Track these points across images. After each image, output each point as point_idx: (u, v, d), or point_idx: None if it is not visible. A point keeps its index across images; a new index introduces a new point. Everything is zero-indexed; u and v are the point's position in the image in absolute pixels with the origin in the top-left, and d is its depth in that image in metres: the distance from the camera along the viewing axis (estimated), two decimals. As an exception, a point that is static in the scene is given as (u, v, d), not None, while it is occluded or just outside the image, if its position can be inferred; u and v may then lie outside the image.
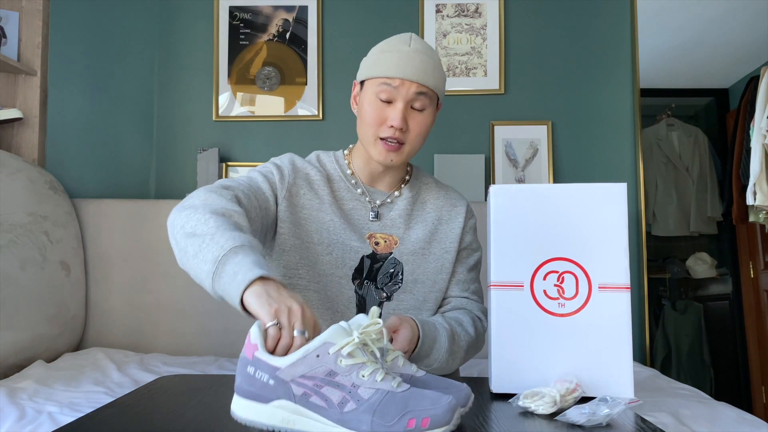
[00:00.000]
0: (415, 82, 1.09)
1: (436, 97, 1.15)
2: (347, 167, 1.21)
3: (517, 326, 0.89)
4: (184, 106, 2.23)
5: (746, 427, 1.08)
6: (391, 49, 1.12)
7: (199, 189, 1.03)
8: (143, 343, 1.92)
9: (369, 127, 1.12)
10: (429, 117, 1.14)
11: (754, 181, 2.21)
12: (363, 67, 1.16)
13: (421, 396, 0.69)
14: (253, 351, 0.73)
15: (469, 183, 2.11)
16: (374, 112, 1.11)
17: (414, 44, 1.12)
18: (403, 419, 0.67)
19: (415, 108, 1.11)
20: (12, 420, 1.13)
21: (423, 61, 1.10)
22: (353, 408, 0.68)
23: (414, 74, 1.09)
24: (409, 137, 1.12)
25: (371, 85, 1.12)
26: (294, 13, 2.23)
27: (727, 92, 2.80)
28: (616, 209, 0.89)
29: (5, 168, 1.70)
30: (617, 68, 2.18)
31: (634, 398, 0.79)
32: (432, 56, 1.13)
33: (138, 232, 1.98)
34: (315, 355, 0.71)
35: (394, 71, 1.09)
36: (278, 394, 0.71)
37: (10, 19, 2.00)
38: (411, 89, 1.09)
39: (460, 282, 1.21)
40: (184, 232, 0.91)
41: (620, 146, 2.16)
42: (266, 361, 0.72)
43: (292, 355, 0.71)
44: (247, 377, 0.73)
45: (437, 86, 1.13)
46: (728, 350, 2.77)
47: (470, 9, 2.20)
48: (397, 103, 1.09)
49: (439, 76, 1.14)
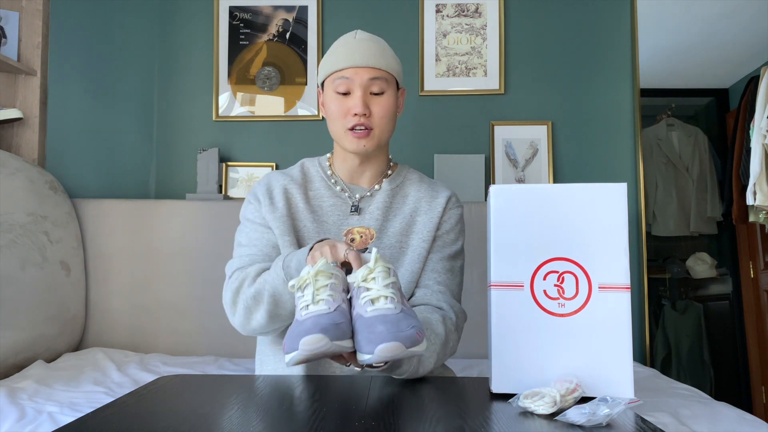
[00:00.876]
0: (366, 68, 1.14)
1: (394, 80, 1.19)
2: (328, 168, 1.25)
3: (517, 326, 0.89)
4: (184, 106, 2.23)
5: (746, 427, 1.08)
6: (338, 45, 1.19)
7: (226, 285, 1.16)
8: (143, 343, 1.92)
9: (335, 121, 1.17)
10: (390, 99, 1.17)
11: (754, 181, 2.21)
12: (320, 70, 1.22)
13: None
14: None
15: (469, 183, 2.11)
16: (336, 106, 1.16)
17: (359, 35, 1.19)
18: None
19: (374, 93, 1.16)
20: (12, 420, 1.13)
21: (369, 47, 1.16)
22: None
23: (362, 60, 1.14)
24: (375, 121, 1.16)
25: (329, 83, 1.18)
26: (294, 13, 2.23)
27: (727, 92, 2.81)
28: (616, 209, 0.89)
29: (5, 168, 1.70)
30: (617, 68, 2.18)
31: (634, 398, 0.79)
32: (379, 42, 1.19)
33: (138, 232, 1.98)
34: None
35: (344, 62, 1.15)
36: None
37: (10, 19, 2.00)
38: (364, 76, 1.14)
39: (431, 271, 1.18)
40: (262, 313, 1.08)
41: (620, 146, 2.16)
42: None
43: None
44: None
45: (390, 67, 1.17)
46: (728, 350, 2.77)
47: (470, 9, 2.20)
48: (355, 91, 1.15)
49: (390, 57, 1.19)
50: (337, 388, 0.93)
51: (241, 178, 2.18)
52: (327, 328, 0.80)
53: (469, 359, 1.80)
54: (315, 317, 0.82)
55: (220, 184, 2.14)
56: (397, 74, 1.19)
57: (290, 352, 0.80)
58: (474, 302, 1.79)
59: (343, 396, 0.89)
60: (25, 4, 2.02)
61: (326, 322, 0.81)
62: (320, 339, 0.78)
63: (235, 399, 0.86)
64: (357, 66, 1.14)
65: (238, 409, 0.80)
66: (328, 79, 1.18)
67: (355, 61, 1.14)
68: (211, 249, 1.95)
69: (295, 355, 0.79)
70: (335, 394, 0.90)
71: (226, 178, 2.17)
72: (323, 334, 0.79)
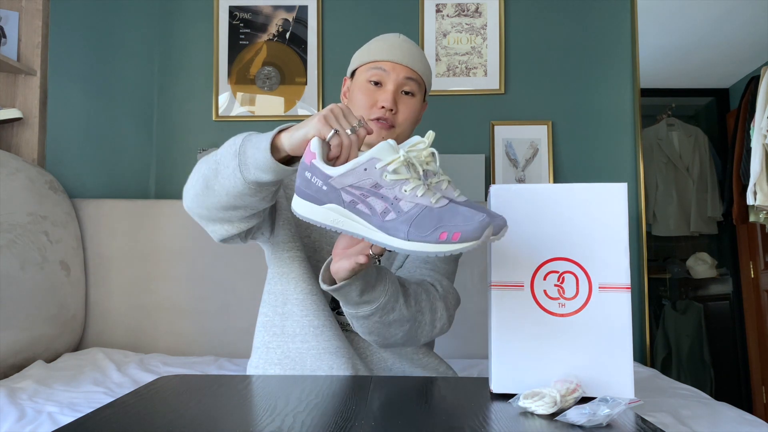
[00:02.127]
0: (405, 66, 1.15)
1: (423, 88, 1.20)
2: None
3: (517, 326, 0.89)
4: (184, 106, 2.23)
5: (746, 427, 1.08)
6: (381, 38, 1.19)
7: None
8: (143, 343, 1.92)
9: (360, 109, 1.15)
10: (417, 103, 1.18)
11: (754, 181, 2.21)
12: (354, 59, 1.22)
13: (456, 212, 0.74)
14: (311, 158, 0.81)
15: (469, 183, 2.11)
16: (366, 95, 1.15)
17: (403, 37, 1.20)
18: (436, 232, 0.72)
19: (405, 92, 1.15)
20: (12, 420, 1.13)
21: (411, 49, 1.17)
22: (393, 218, 0.75)
23: (403, 59, 1.15)
24: (399, 119, 1.15)
25: (362, 71, 1.17)
26: (294, 13, 2.22)
27: (727, 92, 2.81)
28: (617, 209, 0.89)
29: (5, 168, 1.70)
30: (617, 68, 2.18)
31: (634, 398, 0.79)
32: (420, 50, 1.20)
33: (138, 232, 1.98)
34: (363, 168, 0.77)
35: (386, 55, 1.15)
36: (330, 199, 0.79)
37: (10, 19, 2.00)
38: (401, 73, 1.14)
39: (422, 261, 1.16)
40: (198, 177, 0.97)
41: (620, 146, 2.16)
42: (321, 169, 0.79)
43: (343, 167, 0.78)
44: (306, 181, 0.81)
45: (425, 74, 1.18)
46: (728, 350, 2.77)
47: (470, 9, 2.20)
48: (388, 85, 1.14)
49: (427, 67, 1.20)
50: (337, 388, 0.93)
51: (241, 178, 2.18)
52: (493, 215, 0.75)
53: (469, 359, 1.80)
54: (465, 204, 0.77)
55: (220, 184, 2.14)
56: (428, 83, 1.20)
57: (471, 240, 0.71)
58: (474, 302, 1.79)
59: (343, 396, 0.89)
60: (25, 4, 2.02)
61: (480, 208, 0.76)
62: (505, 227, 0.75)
63: (235, 399, 0.86)
64: (396, 62, 1.14)
65: (238, 409, 0.80)
66: (363, 67, 1.17)
67: (396, 57, 1.14)
68: (211, 249, 1.95)
69: (474, 244, 0.72)
70: (335, 394, 0.90)
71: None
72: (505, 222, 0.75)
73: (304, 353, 1.08)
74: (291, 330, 1.10)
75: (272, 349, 1.12)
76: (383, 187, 0.76)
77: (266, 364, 1.12)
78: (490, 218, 0.72)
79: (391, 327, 1.01)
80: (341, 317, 1.17)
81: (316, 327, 1.09)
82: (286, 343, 1.10)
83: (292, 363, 1.09)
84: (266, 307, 1.15)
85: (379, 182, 0.76)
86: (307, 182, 0.81)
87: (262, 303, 1.18)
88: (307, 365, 1.08)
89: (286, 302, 1.12)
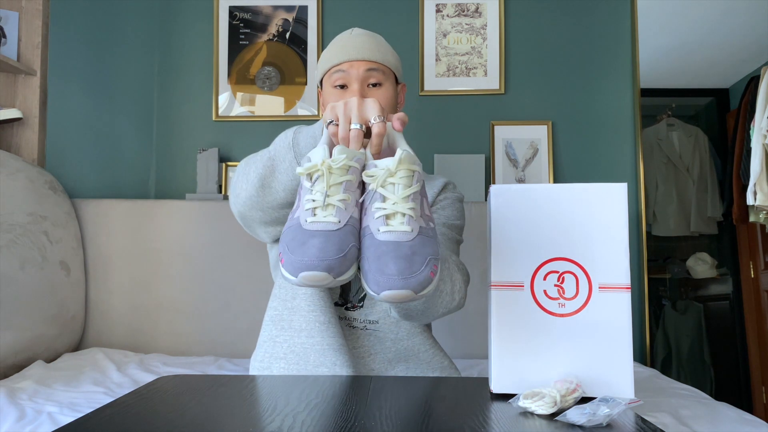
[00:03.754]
0: (361, 60, 1.14)
1: (392, 74, 1.18)
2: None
3: (517, 326, 0.89)
4: (184, 106, 2.23)
5: (746, 427, 1.08)
6: (334, 42, 1.19)
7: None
8: (143, 343, 1.92)
9: None
10: (388, 91, 1.16)
11: (754, 181, 2.21)
12: (317, 69, 1.22)
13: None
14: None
15: (469, 183, 2.11)
16: (334, 100, 1.15)
17: (355, 31, 1.19)
18: None
19: (372, 85, 1.15)
20: (12, 420, 1.13)
21: (365, 41, 1.16)
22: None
23: (358, 54, 1.14)
24: None
25: (326, 79, 1.18)
26: (294, 13, 2.22)
27: (727, 92, 2.80)
28: (617, 209, 0.89)
29: (5, 168, 1.70)
30: (617, 68, 2.18)
31: (634, 398, 0.79)
32: (375, 37, 1.19)
33: (138, 232, 1.98)
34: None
35: (341, 56, 1.15)
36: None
37: (10, 19, 2.00)
38: (360, 68, 1.14)
39: None
40: (252, 177, 0.97)
41: (620, 146, 2.16)
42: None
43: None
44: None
45: (386, 60, 1.17)
46: (728, 350, 2.76)
47: (470, 9, 2.20)
48: (352, 84, 1.14)
49: (386, 51, 1.18)
50: (337, 388, 0.93)
51: (241, 178, 2.18)
52: (332, 266, 0.69)
53: (469, 359, 1.80)
54: (322, 237, 0.72)
55: (220, 184, 2.14)
56: (394, 68, 1.19)
57: (288, 274, 0.70)
58: (474, 302, 1.79)
59: (344, 396, 0.89)
60: (25, 4, 2.02)
61: (332, 251, 0.70)
62: (324, 278, 0.69)
63: (235, 399, 0.86)
64: (353, 59, 1.14)
65: (238, 409, 0.80)
66: (326, 75, 1.19)
67: (350, 55, 1.14)
68: (211, 249, 1.95)
69: (293, 281, 0.70)
70: (335, 394, 0.90)
71: (225, 178, 2.17)
72: (328, 273, 0.69)
73: (308, 348, 1.09)
74: (298, 324, 1.11)
75: (279, 343, 1.12)
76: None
77: (271, 358, 1.13)
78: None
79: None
80: (347, 312, 1.18)
81: (322, 323, 1.10)
82: (292, 338, 1.11)
83: (297, 358, 1.10)
84: (276, 301, 1.16)
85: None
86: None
87: (271, 297, 1.18)
88: (310, 360, 1.08)
89: (294, 297, 1.13)
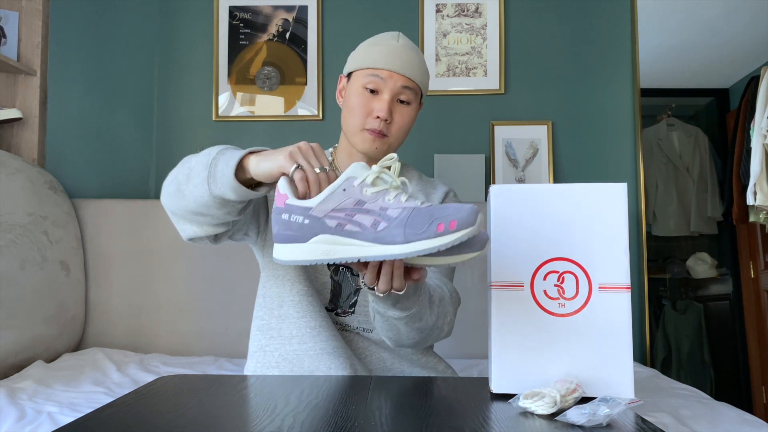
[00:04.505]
0: (402, 75, 1.12)
1: (420, 94, 1.18)
2: (332, 162, 1.22)
3: (517, 326, 0.89)
4: (184, 106, 2.23)
5: (746, 427, 1.08)
6: (380, 42, 1.15)
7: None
8: (143, 343, 1.92)
9: (355, 117, 1.14)
10: (413, 111, 1.16)
11: (754, 181, 2.21)
12: (351, 60, 1.19)
13: (443, 207, 0.75)
14: (284, 199, 0.80)
15: (469, 183, 2.11)
16: (361, 102, 1.13)
17: (402, 40, 1.16)
18: (432, 225, 0.72)
19: (401, 101, 1.14)
20: (12, 420, 1.13)
21: (410, 56, 1.14)
22: (385, 226, 0.75)
23: (402, 68, 1.12)
24: (393, 129, 1.14)
25: (359, 76, 1.15)
26: (294, 13, 2.22)
27: (727, 92, 2.80)
28: (617, 209, 0.89)
29: (5, 168, 1.70)
30: (617, 68, 2.18)
31: (634, 398, 0.79)
32: (419, 54, 1.17)
33: (138, 232, 1.98)
34: (341, 189, 0.77)
35: (383, 63, 1.12)
36: (315, 231, 0.78)
37: (10, 19, 2.00)
38: (398, 82, 1.12)
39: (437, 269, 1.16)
40: (174, 177, 0.97)
41: (620, 146, 2.16)
42: (298, 205, 0.79)
43: (320, 195, 0.77)
44: (284, 224, 0.79)
45: (422, 82, 1.16)
46: (728, 350, 2.76)
47: (470, 9, 2.20)
48: (384, 94, 1.12)
49: (424, 73, 1.17)
50: (337, 388, 0.93)
51: (241, 178, 2.18)
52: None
53: (469, 359, 1.80)
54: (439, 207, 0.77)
55: (220, 184, 2.14)
56: (424, 88, 1.18)
57: (464, 228, 0.72)
58: (474, 302, 1.79)
59: (343, 396, 0.89)
60: (25, 4, 2.02)
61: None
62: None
63: (235, 399, 0.86)
64: (394, 71, 1.12)
65: (238, 410, 0.80)
66: (360, 72, 1.15)
67: (395, 66, 1.12)
68: (211, 249, 1.95)
69: (472, 230, 0.72)
70: (335, 394, 0.90)
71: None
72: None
73: (301, 354, 1.08)
74: (288, 332, 1.10)
75: (269, 352, 1.12)
76: (367, 202, 0.76)
77: (264, 368, 1.12)
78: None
79: (413, 331, 1.02)
80: (339, 318, 1.17)
81: (313, 328, 1.09)
82: (283, 346, 1.10)
83: (290, 365, 1.09)
84: (261, 311, 1.15)
85: (361, 198, 0.76)
86: (286, 224, 0.79)
87: (256, 307, 1.17)
88: (305, 366, 1.08)
89: (282, 305, 1.12)
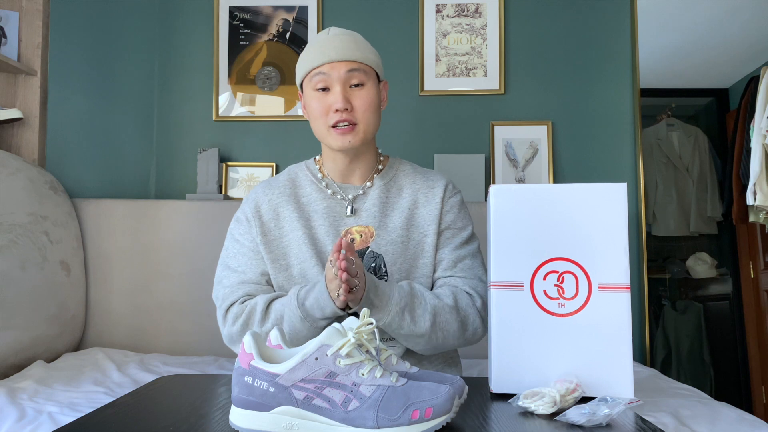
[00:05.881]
0: (341, 61, 1.13)
1: (373, 73, 1.17)
2: (318, 171, 1.22)
3: (517, 326, 0.89)
4: (184, 106, 2.23)
5: (746, 427, 1.08)
6: (313, 43, 1.17)
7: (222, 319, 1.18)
8: (143, 343, 1.92)
9: (318, 120, 1.15)
10: (371, 91, 1.15)
11: (754, 181, 2.21)
12: (297, 71, 1.21)
13: (420, 388, 0.71)
14: (249, 360, 0.73)
15: (469, 183, 2.11)
16: (317, 104, 1.14)
17: (332, 32, 1.17)
18: (407, 411, 0.69)
19: (354, 85, 1.14)
20: (12, 420, 1.13)
21: (344, 41, 1.14)
22: (357, 406, 0.70)
23: (339, 54, 1.13)
24: (358, 115, 1.14)
25: (307, 82, 1.16)
26: (294, 13, 2.23)
27: (727, 92, 2.80)
28: (616, 209, 0.89)
29: (5, 168, 1.70)
30: (617, 68, 2.18)
31: (634, 398, 0.79)
32: (353, 35, 1.17)
33: (138, 232, 1.98)
34: (313, 358, 0.71)
35: (321, 58, 1.13)
36: (279, 401, 0.71)
37: (10, 19, 2.00)
38: (341, 69, 1.12)
39: (445, 261, 1.17)
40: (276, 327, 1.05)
41: (620, 146, 2.16)
42: (264, 369, 0.72)
43: (290, 361, 0.72)
44: (246, 388, 0.73)
45: (367, 59, 1.15)
46: (728, 350, 2.76)
47: (470, 9, 2.20)
48: (334, 87, 1.13)
49: (366, 49, 1.17)
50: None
51: (241, 178, 2.18)
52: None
53: (469, 359, 1.80)
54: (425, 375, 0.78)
55: (220, 184, 2.14)
56: (375, 66, 1.17)
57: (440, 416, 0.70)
58: (474, 302, 1.78)
59: (343, 396, 0.88)
60: (25, 4, 2.02)
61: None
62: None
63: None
64: (333, 61, 1.12)
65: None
66: (306, 78, 1.17)
67: (330, 56, 1.12)
68: (211, 249, 1.95)
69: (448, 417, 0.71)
70: (335, 394, 0.90)
71: (226, 178, 2.17)
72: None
73: None
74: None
75: None
76: (339, 375, 0.71)
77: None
78: (453, 387, 0.71)
79: (407, 339, 1.09)
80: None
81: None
82: None
83: None
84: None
85: (333, 370, 0.71)
86: (249, 388, 0.72)
87: None
88: None
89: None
